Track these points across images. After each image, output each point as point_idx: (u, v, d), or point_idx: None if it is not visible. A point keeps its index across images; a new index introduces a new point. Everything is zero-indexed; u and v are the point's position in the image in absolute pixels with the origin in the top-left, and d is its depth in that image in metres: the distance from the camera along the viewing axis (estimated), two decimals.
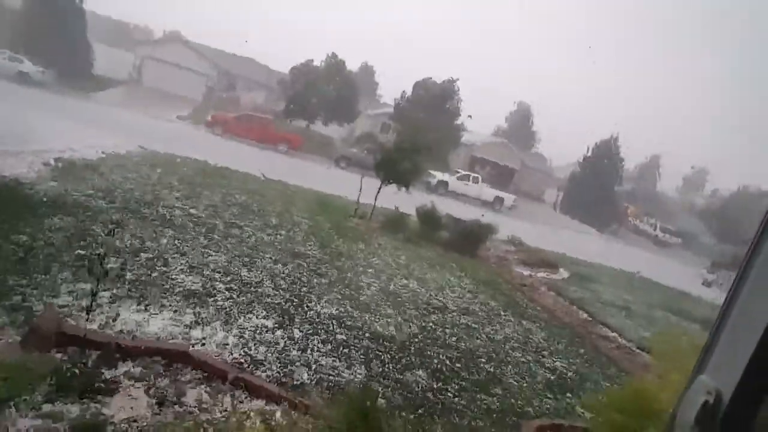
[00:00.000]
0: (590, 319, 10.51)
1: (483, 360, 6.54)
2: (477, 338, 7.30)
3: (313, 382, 4.76)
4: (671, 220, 47.84)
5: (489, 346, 7.15)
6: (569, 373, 7.06)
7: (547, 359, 7.36)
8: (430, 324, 7.29)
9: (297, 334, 5.64)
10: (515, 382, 6.18)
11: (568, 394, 6.34)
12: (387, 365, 5.56)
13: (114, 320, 4.69)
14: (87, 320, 4.29)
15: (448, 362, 6.12)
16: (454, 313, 8.14)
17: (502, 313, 9.06)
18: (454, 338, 7.01)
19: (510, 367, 6.62)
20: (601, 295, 13.06)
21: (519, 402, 5.68)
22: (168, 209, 9.01)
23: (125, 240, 6.79)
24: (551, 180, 48.49)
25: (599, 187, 39.11)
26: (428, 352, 6.23)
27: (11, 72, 26.58)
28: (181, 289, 5.83)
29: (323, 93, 33.95)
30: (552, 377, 6.72)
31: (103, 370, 3.86)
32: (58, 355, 3.85)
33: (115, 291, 5.21)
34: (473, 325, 7.85)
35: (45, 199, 7.50)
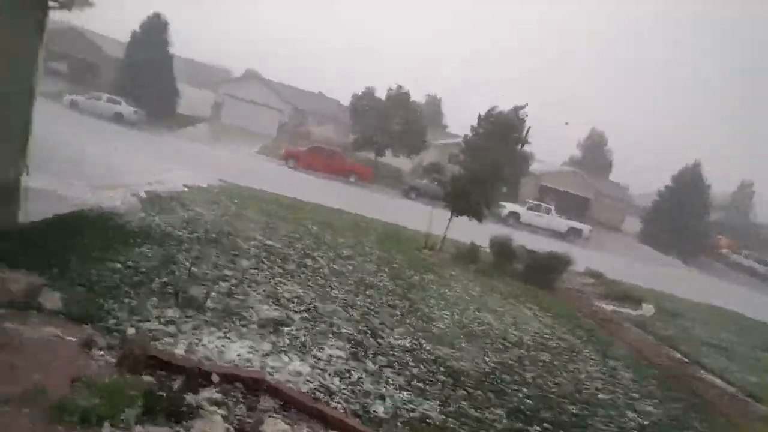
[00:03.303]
0: (684, 359, 9.65)
1: (566, 401, 6.13)
2: (558, 376, 6.88)
3: (389, 416, 4.63)
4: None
5: (572, 385, 6.70)
6: (666, 420, 6.45)
7: (639, 402, 6.78)
8: (507, 360, 6.96)
9: (370, 366, 5.55)
10: (604, 426, 5.73)
11: None
12: (463, 401, 5.33)
13: (197, 346, 4.82)
14: (173, 345, 4.45)
15: (528, 401, 5.78)
16: (532, 349, 7.74)
17: (584, 350, 8.53)
18: (533, 375, 6.64)
19: (597, 409, 6.15)
20: (693, 333, 12.01)
21: None
22: (245, 240, 9.33)
23: (206, 269, 7.06)
24: (631, 209, 46.06)
25: (685, 217, 36.60)
26: (506, 390, 5.93)
27: (109, 113, 29.22)
28: (258, 317, 5.94)
29: (390, 126, 34.42)
30: (646, 422, 6.16)
31: (186, 395, 3.95)
32: (148, 378, 3.99)
33: (197, 318, 5.38)
34: (553, 362, 7.42)
35: (135, 230, 7.99)
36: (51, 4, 6.34)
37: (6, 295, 4.49)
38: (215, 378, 4.25)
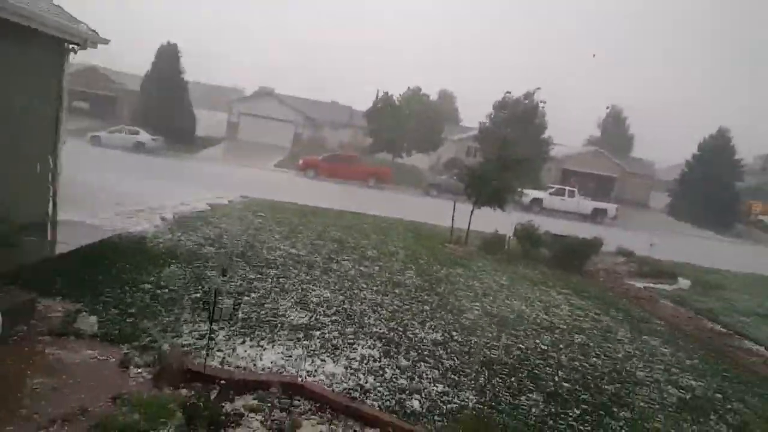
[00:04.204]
0: (726, 331, 9.39)
1: (604, 381, 6.04)
2: (594, 357, 6.78)
3: (425, 410, 4.64)
4: None
5: (609, 365, 6.60)
6: (709, 393, 6.30)
7: (680, 377, 6.64)
8: (541, 345, 6.90)
9: (403, 362, 5.58)
10: (645, 404, 5.62)
11: (712, 416, 5.65)
12: (499, 389, 5.31)
13: (230, 356, 4.93)
14: (207, 357, 4.56)
15: (565, 384, 5.72)
16: (565, 332, 7.65)
17: (619, 329, 8.38)
18: (568, 358, 6.56)
19: (636, 387, 6.05)
20: (735, 304, 11.68)
21: (654, 426, 5.15)
22: (271, 250, 9.47)
23: (235, 281, 7.20)
24: (657, 184, 45.02)
25: (715, 186, 35.56)
26: (542, 374, 5.88)
27: (130, 143, 29.98)
28: (289, 324, 6.03)
29: (405, 125, 34.52)
30: (688, 397, 6.03)
31: (224, 404, 4.05)
32: (185, 391, 4.10)
33: (229, 329, 5.50)
34: (588, 343, 7.33)
35: (164, 251, 8.20)
36: (69, 46, 6.59)
37: (45, 323, 4.67)
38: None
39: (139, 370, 4.32)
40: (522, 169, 17.59)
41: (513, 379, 5.61)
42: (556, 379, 5.82)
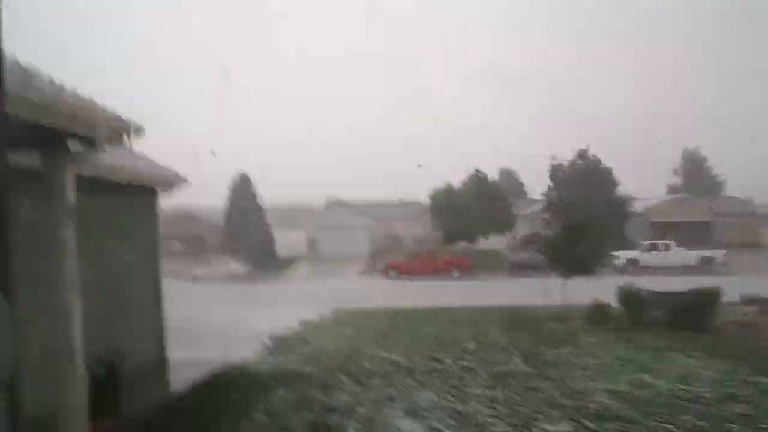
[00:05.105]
0: None
1: None
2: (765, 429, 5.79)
3: None
4: None
5: None
6: None
7: None
8: (693, 420, 6.00)
9: None
10: None
11: None
12: None
13: None
14: None
15: None
16: (716, 402, 6.66)
17: None
18: None
19: None
20: None
21: None
22: (369, 360, 9.30)
23: (341, 396, 7.03)
24: (764, 220, 41.10)
25: None
26: None
27: (223, 275, 31.75)
28: None
29: (474, 213, 34.52)
30: None
31: None
32: None
33: None
34: (750, 413, 6.29)
35: (268, 376, 8.26)
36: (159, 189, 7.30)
37: None
38: None
39: None
40: (598, 231, 16.53)
41: None
42: None
